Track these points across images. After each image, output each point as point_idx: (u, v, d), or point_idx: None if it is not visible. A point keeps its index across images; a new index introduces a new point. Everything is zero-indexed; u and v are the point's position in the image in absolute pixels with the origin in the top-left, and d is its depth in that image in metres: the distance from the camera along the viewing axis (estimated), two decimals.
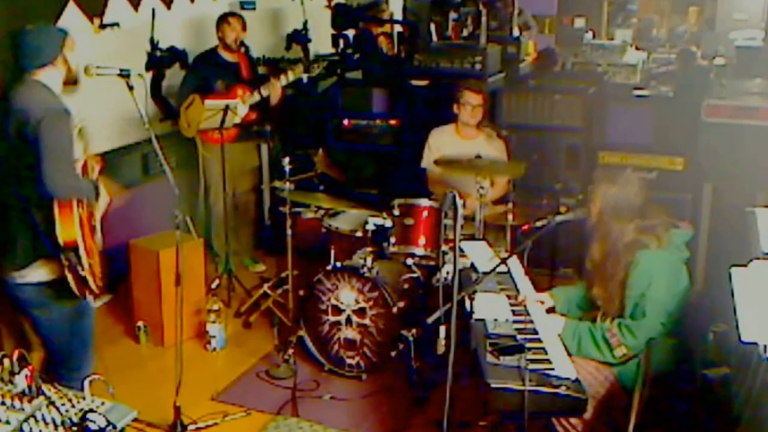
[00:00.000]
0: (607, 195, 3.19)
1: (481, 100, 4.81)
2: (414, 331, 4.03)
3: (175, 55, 5.64)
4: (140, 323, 4.67)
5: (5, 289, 3.16)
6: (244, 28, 5.34)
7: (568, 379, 2.77)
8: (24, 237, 3.05)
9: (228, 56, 5.36)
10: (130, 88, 3.35)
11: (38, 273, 3.09)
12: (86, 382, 2.57)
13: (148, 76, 5.43)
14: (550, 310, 3.42)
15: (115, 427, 2.35)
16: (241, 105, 5.07)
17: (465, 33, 6.15)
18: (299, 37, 6.49)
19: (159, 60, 5.52)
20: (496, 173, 4.68)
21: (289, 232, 4.58)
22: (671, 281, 3.15)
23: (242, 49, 5.45)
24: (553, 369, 2.81)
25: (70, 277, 3.00)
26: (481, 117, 4.85)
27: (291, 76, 5.16)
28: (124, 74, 3.37)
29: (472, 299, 3.19)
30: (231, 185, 5.43)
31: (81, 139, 3.37)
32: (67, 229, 2.96)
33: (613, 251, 3.19)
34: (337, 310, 4.18)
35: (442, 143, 4.92)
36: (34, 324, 3.29)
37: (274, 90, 5.15)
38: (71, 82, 3.22)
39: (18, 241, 3.06)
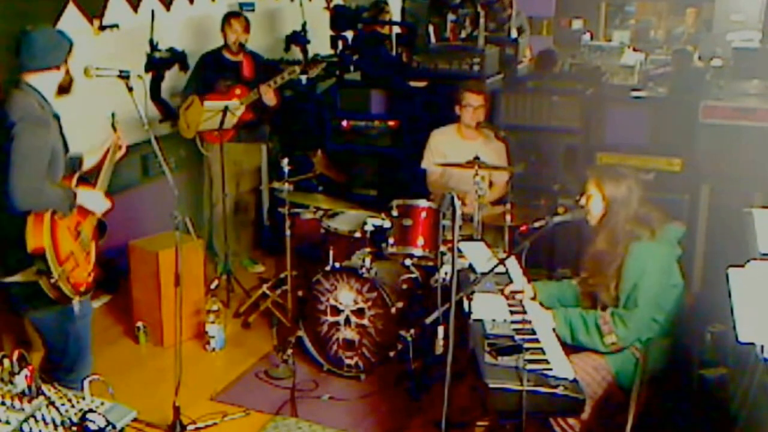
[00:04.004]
0: (618, 190, 3.23)
1: (482, 101, 4.82)
2: (412, 331, 4.03)
3: (174, 56, 5.65)
4: (140, 323, 4.68)
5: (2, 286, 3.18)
6: (246, 29, 5.31)
7: (566, 379, 2.78)
8: (10, 242, 3.04)
9: (231, 56, 5.36)
10: (130, 89, 3.36)
11: (21, 274, 3.07)
12: (86, 383, 2.58)
13: (148, 77, 5.45)
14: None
15: (114, 427, 2.36)
16: (239, 105, 5.08)
17: (463, 34, 6.15)
18: (298, 39, 6.51)
19: (158, 61, 5.53)
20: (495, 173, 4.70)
21: (288, 232, 4.60)
22: (663, 273, 3.19)
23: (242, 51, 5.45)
24: (551, 369, 2.82)
25: (42, 283, 3.00)
26: (483, 118, 4.87)
27: (287, 76, 5.16)
28: (124, 75, 3.38)
29: (470, 300, 3.20)
30: (232, 186, 5.43)
31: (114, 130, 3.39)
32: (35, 236, 2.95)
33: (615, 242, 3.23)
34: (336, 311, 4.18)
35: (443, 144, 4.93)
36: (31, 323, 3.31)
37: (266, 93, 5.14)
38: (64, 90, 3.22)
39: (6, 245, 3.06)
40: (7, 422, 2.30)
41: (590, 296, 3.42)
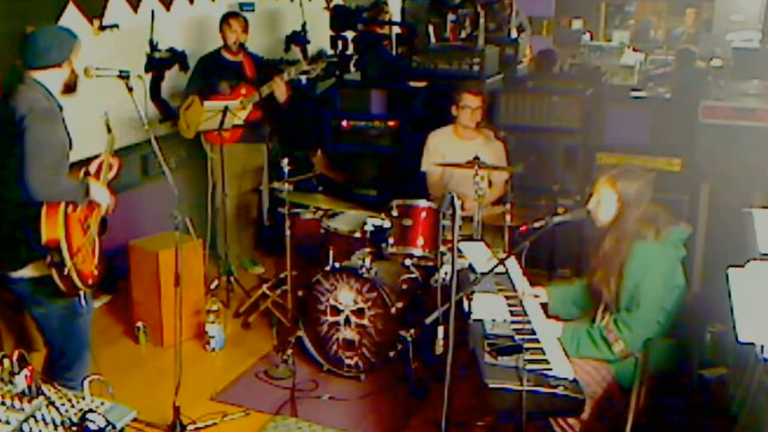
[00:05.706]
0: (632, 190, 3.21)
1: (480, 102, 4.82)
2: (412, 331, 4.04)
3: (174, 56, 5.65)
4: (140, 323, 4.68)
5: (4, 283, 3.18)
6: (245, 29, 5.31)
7: (565, 379, 2.78)
8: (18, 235, 3.06)
9: (231, 57, 5.35)
10: (130, 89, 3.36)
11: (30, 269, 3.10)
12: (86, 382, 2.58)
13: (148, 77, 5.44)
14: (544, 306, 3.44)
15: (114, 427, 2.36)
16: (240, 105, 5.07)
17: (463, 34, 6.16)
18: (298, 39, 6.51)
19: (158, 61, 5.53)
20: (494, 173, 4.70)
21: (288, 232, 4.60)
22: (666, 274, 3.18)
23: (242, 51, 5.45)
24: (550, 369, 2.82)
25: (54, 274, 3.01)
26: (480, 118, 4.86)
27: (294, 72, 5.16)
28: (124, 75, 3.38)
29: (470, 300, 3.20)
30: (235, 186, 5.43)
31: (108, 134, 3.40)
32: (50, 228, 2.96)
33: (621, 240, 3.22)
34: (336, 311, 4.19)
35: (441, 145, 4.93)
36: (33, 320, 3.31)
37: (278, 87, 5.15)
38: (70, 88, 3.22)
39: (14, 239, 3.07)
40: (7, 422, 2.30)
41: (595, 295, 3.42)
